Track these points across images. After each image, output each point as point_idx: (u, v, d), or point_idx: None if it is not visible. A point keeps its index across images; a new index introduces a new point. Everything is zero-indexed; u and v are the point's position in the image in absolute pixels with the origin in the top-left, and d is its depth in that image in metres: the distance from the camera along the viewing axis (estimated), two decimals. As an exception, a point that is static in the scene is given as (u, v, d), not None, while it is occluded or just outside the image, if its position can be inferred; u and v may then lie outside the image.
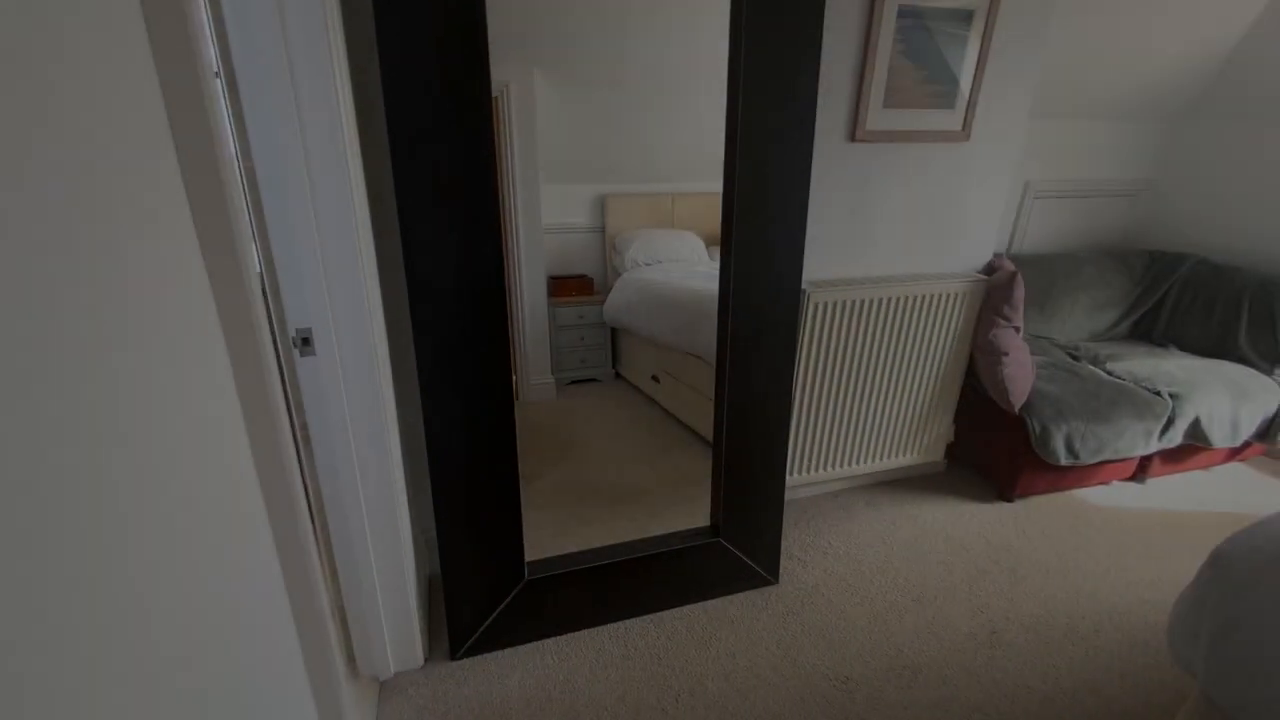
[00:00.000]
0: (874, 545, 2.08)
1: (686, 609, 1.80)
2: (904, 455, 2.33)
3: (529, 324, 2.65)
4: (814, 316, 1.95)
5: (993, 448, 2.33)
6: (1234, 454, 2.58)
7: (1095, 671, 1.63)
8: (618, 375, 3.04)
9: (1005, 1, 1.86)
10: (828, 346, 2.03)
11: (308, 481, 1.43)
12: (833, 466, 2.25)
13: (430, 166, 1.24)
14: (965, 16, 1.83)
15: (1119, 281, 2.85)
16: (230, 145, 0.83)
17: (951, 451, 2.48)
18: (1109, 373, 2.43)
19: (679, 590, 1.81)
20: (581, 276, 2.84)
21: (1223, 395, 2.31)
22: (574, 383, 2.96)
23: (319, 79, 1.03)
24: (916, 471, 2.46)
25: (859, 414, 2.19)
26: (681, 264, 2.74)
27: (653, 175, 2.74)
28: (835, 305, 1.97)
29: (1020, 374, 2.13)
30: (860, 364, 2.09)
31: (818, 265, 2.00)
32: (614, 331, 2.97)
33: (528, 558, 1.70)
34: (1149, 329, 2.87)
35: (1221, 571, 1.05)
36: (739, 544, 1.84)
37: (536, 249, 2.51)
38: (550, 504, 2.21)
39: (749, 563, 1.86)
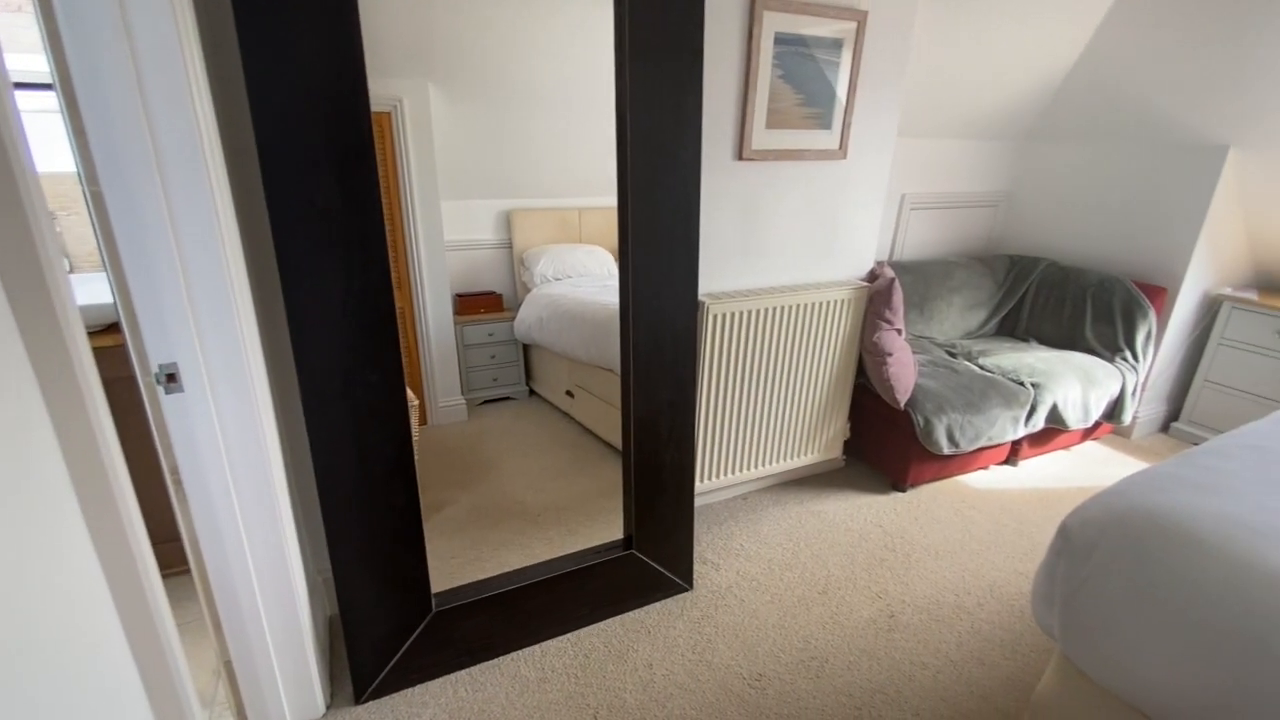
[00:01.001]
0: (782, 543, 2.17)
1: (604, 624, 1.80)
2: (806, 455, 2.45)
3: (435, 344, 2.57)
4: (714, 327, 2.03)
5: (885, 442, 2.49)
6: (1088, 434, 2.90)
7: (981, 643, 1.77)
8: (532, 393, 3.01)
9: (869, 32, 2.02)
10: (729, 355, 2.11)
11: (183, 528, 1.33)
12: (741, 470, 2.32)
13: (306, 188, 1.19)
14: (835, 44, 1.98)
15: (986, 284, 3.14)
16: (31, 163, 0.75)
17: (849, 448, 2.63)
18: (981, 367, 2.68)
19: (595, 606, 1.81)
20: (490, 293, 2.79)
21: (1074, 383, 2.60)
22: (487, 402, 2.90)
23: (172, 90, 0.97)
24: (818, 469, 2.59)
25: (762, 418, 2.28)
26: (591, 278, 2.76)
27: (559, 190, 2.75)
28: (733, 316, 2.05)
29: (904, 372, 2.30)
30: (760, 370, 2.19)
31: (714, 278, 2.08)
32: (526, 348, 2.94)
33: (437, 588, 1.64)
34: (1013, 326, 3.18)
35: (1066, 542, 1.19)
36: (653, 554, 1.87)
37: (439, 267, 2.45)
38: (463, 530, 2.15)
39: (663, 571, 1.89)
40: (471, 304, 2.73)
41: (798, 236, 2.19)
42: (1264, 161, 2.56)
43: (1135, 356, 2.76)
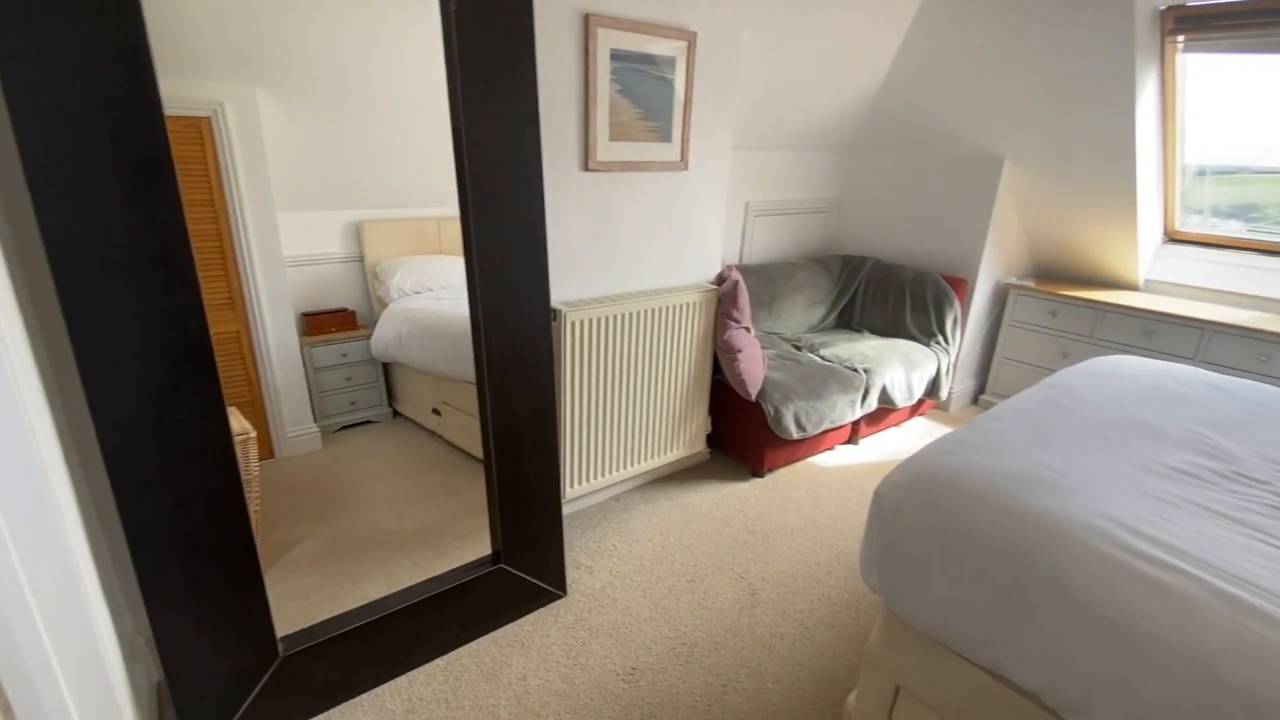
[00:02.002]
0: (652, 538, 2.25)
1: (476, 644, 1.77)
2: (672, 451, 2.55)
3: (279, 369, 2.38)
4: (572, 334, 2.06)
5: (742, 432, 2.67)
6: (914, 410, 3.28)
7: (830, 608, 1.95)
8: (396, 414, 2.87)
9: (700, 51, 2.17)
10: (590, 361, 2.15)
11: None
12: (611, 472, 2.38)
13: (87, 205, 1.06)
14: (669, 62, 2.10)
15: (824, 282, 3.46)
16: None
17: (712, 440, 2.78)
18: (822, 358, 2.94)
19: (466, 626, 1.77)
20: (342, 311, 2.63)
21: (899, 366, 2.93)
22: (346, 428, 2.72)
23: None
24: (685, 463, 2.72)
25: (628, 419, 2.35)
26: (453, 290, 2.68)
27: (415, 200, 2.65)
28: (591, 322, 2.10)
29: (754, 367, 2.48)
30: (622, 374, 2.26)
31: (570, 286, 2.12)
32: (387, 367, 2.80)
33: (288, 629, 1.53)
34: (849, 318, 3.52)
35: (879, 507, 1.35)
36: (523, 565, 1.86)
37: (279, 284, 2.27)
38: (320, 566, 2.00)
39: (535, 582, 1.89)
40: (321, 323, 2.55)
41: (649, 244, 2.28)
42: (1030, 171, 3.06)
43: (946, 340, 3.18)
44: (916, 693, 1.35)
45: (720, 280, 2.52)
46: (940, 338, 3.17)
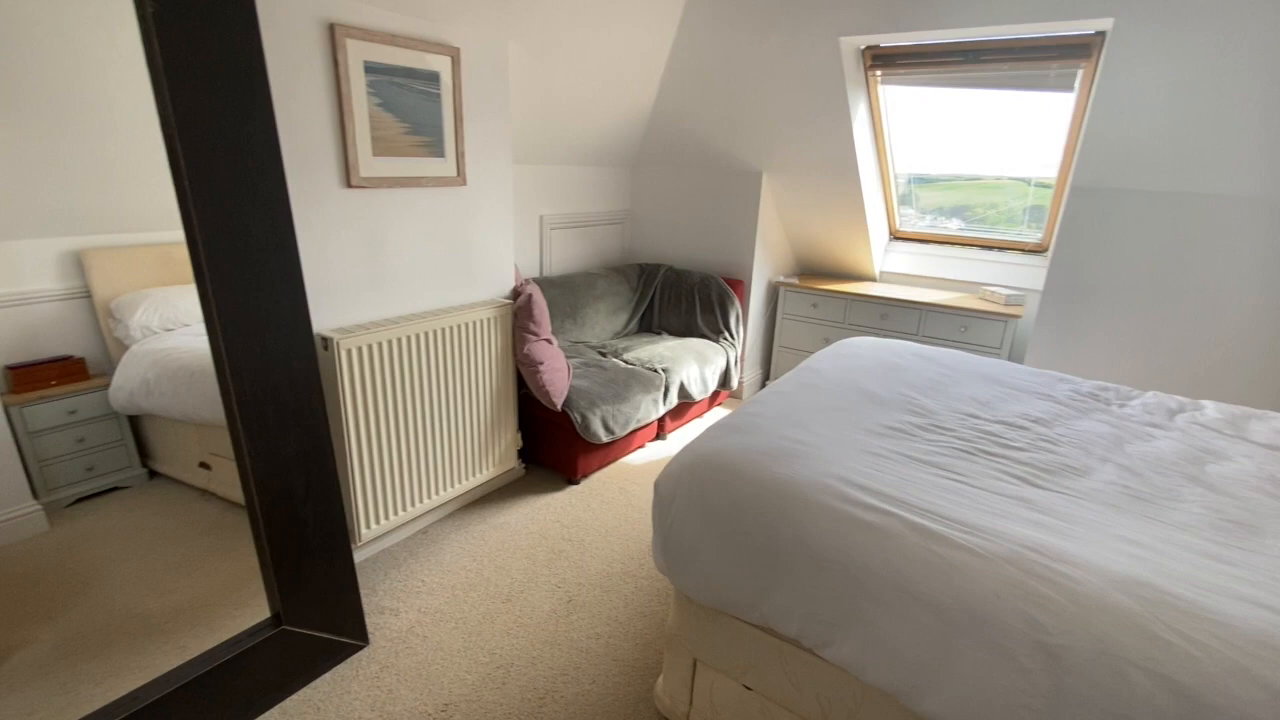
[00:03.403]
0: (465, 565, 2.18)
1: (261, 719, 1.57)
2: (482, 472, 2.50)
3: (-29, 441, 1.90)
4: (349, 363, 1.92)
5: (554, 442, 2.70)
6: (712, 401, 3.57)
7: (643, 599, 2.04)
8: (153, 474, 2.43)
9: (466, 67, 2.16)
10: (375, 390, 2.02)
11: None
12: (414, 504, 2.26)
13: None
14: (432, 77, 2.06)
15: (624, 290, 3.63)
16: None
17: (525, 455, 2.77)
18: (626, 362, 3.08)
19: (248, 702, 1.56)
20: (64, 359, 2.16)
21: (693, 363, 3.17)
22: (82, 500, 2.24)
23: None
24: (499, 482, 2.67)
25: (429, 446, 2.25)
26: (216, 325, 2.35)
27: (153, 222, 2.27)
28: (370, 348, 1.98)
29: (557, 377, 2.52)
30: (413, 400, 2.16)
31: (343, 311, 1.98)
32: (135, 420, 2.36)
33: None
34: (650, 323, 3.73)
35: (657, 495, 1.45)
36: (312, 623, 1.69)
37: (-40, 333, 1.82)
38: (48, 673, 1.64)
39: (329, 637, 1.73)
40: (33, 376, 2.08)
41: (429, 262, 2.21)
42: (782, 183, 3.50)
43: (732, 335, 3.51)
44: (710, 661, 1.47)
45: (516, 295, 2.52)
46: (727, 334, 3.49)
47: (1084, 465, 1.52)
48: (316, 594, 1.69)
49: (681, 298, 3.63)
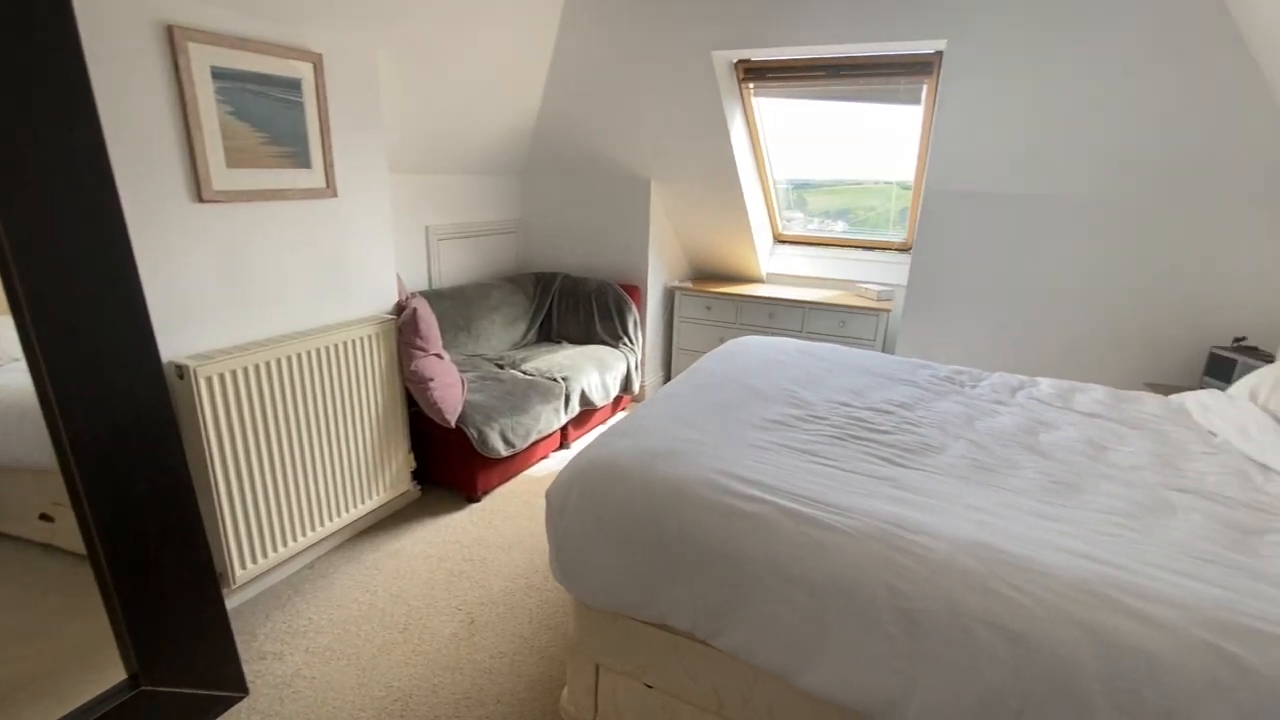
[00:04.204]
0: (358, 598, 2.06)
1: (117, 796, 1.40)
2: (373, 497, 2.37)
3: None
4: (209, 392, 1.77)
5: (451, 460, 2.61)
6: (615, 407, 3.59)
7: (549, 611, 2.02)
8: (-19, 533, 2.11)
9: (329, 74, 2.05)
10: (241, 419, 1.87)
11: None
12: (296, 539, 2.11)
13: None
14: (293, 84, 1.94)
15: (520, 300, 3.58)
16: None
17: (420, 476, 2.67)
18: (524, 372, 3.04)
19: (98, 780, 1.39)
20: None
21: (594, 370, 3.19)
22: (-117, 574, 1.91)
23: None
24: (392, 507, 2.55)
25: (309, 476, 2.11)
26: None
27: None
28: (235, 374, 1.83)
29: (449, 393, 2.44)
30: (289, 426, 2.02)
31: (200, 336, 1.82)
32: (-50, 474, 2.04)
33: None
34: (549, 332, 3.71)
35: (549, 505, 1.45)
36: (179, 679, 1.54)
37: None
38: None
39: (200, 692, 1.57)
40: None
41: (302, 279, 2.08)
42: (671, 190, 3.60)
43: (631, 340, 3.55)
44: (612, 664, 1.48)
45: (400, 309, 2.42)
46: (626, 339, 3.54)
47: (940, 443, 1.67)
48: (182, 647, 1.54)
49: (580, 305, 3.64)
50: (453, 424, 2.45)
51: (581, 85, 3.21)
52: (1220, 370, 2.48)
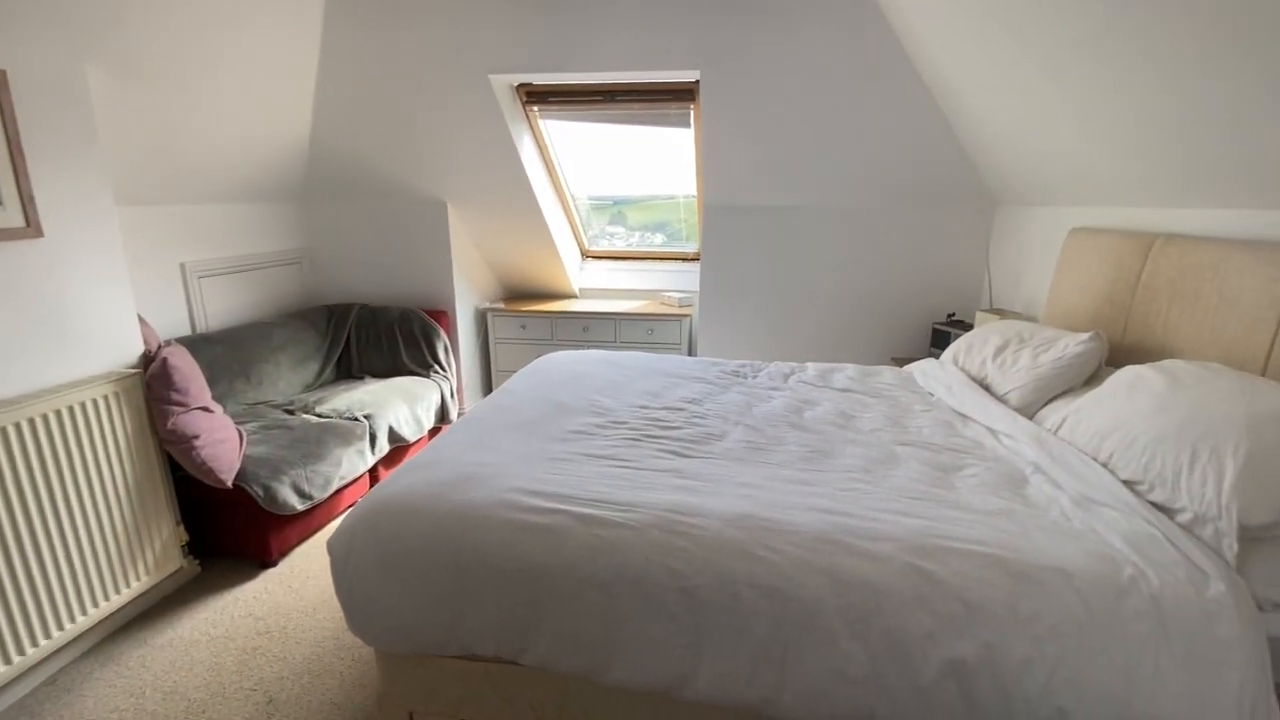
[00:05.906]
0: (120, 705, 1.73)
1: None
2: (131, 585, 2.02)
3: None
4: None
5: (234, 525, 2.31)
6: (432, 439, 3.43)
7: (363, 669, 1.87)
8: None
9: (19, 93, 1.72)
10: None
11: None
12: (24, 652, 1.72)
13: None
14: (-40, 104, 1.60)
15: (310, 336, 3.28)
16: None
17: (196, 549, 2.32)
18: (319, 415, 2.78)
19: None
20: None
21: (402, 403, 3.02)
22: None
23: None
24: (161, 591, 2.18)
25: (31, 575, 1.74)
26: None
27: None
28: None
29: (222, 450, 2.16)
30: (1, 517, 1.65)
31: None
32: None
33: None
34: (348, 368, 3.44)
35: (333, 558, 1.35)
36: None
37: None
38: None
39: None
40: None
41: (4, 338, 1.72)
42: (469, 212, 3.55)
43: (443, 367, 3.43)
44: (425, 708, 1.41)
45: (146, 362, 2.10)
46: (437, 367, 3.40)
47: (722, 431, 1.84)
48: None
49: (381, 336, 3.43)
50: (229, 484, 2.17)
51: (356, 106, 3.05)
52: (941, 341, 3.04)
